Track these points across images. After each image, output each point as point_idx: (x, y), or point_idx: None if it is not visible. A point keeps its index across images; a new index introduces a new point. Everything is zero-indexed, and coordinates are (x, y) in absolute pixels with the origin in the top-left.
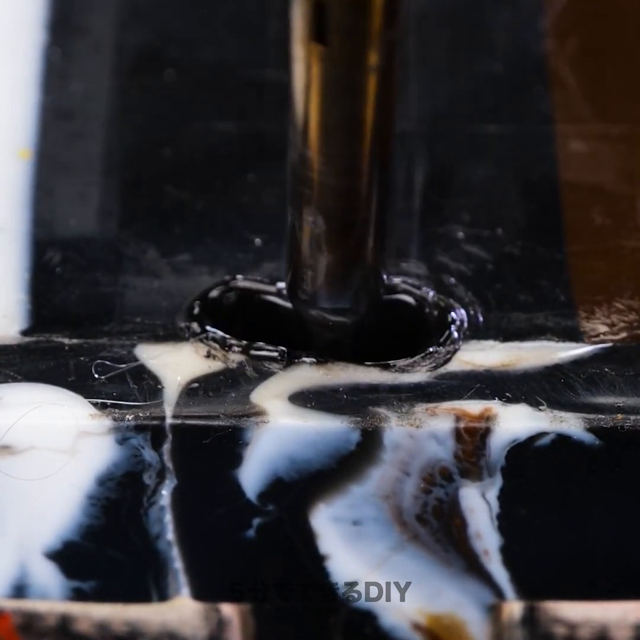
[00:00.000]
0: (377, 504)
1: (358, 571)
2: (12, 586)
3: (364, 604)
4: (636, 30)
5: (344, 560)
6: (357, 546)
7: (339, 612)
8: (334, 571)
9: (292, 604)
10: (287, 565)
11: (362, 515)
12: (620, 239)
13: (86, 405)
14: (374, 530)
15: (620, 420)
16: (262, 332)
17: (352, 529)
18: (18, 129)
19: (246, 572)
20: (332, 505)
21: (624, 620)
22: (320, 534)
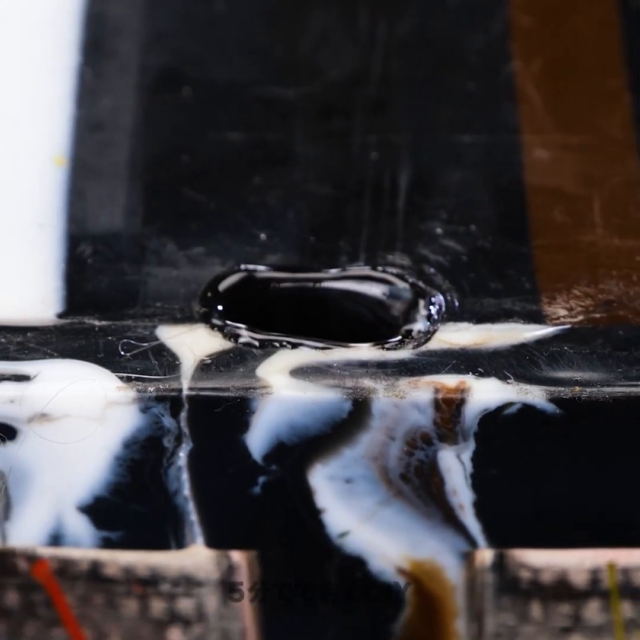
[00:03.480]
0: (367, 464)
1: (350, 523)
2: (49, 536)
3: (355, 551)
4: (592, 53)
5: (337, 514)
6: (349, 501)
7: (334, 558)
8: (329, 523)
9: (292, 551)
10: (288, 518)
11: (354, 474)
12: (578, 235)
13: (113, 378)
14: (364, 487)
15: (577, 392)
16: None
17: (344, 486)
18: (54, 139)
19: (252, 523)
20: (327, 465)
21: (581, 565)
22: (317, 490)
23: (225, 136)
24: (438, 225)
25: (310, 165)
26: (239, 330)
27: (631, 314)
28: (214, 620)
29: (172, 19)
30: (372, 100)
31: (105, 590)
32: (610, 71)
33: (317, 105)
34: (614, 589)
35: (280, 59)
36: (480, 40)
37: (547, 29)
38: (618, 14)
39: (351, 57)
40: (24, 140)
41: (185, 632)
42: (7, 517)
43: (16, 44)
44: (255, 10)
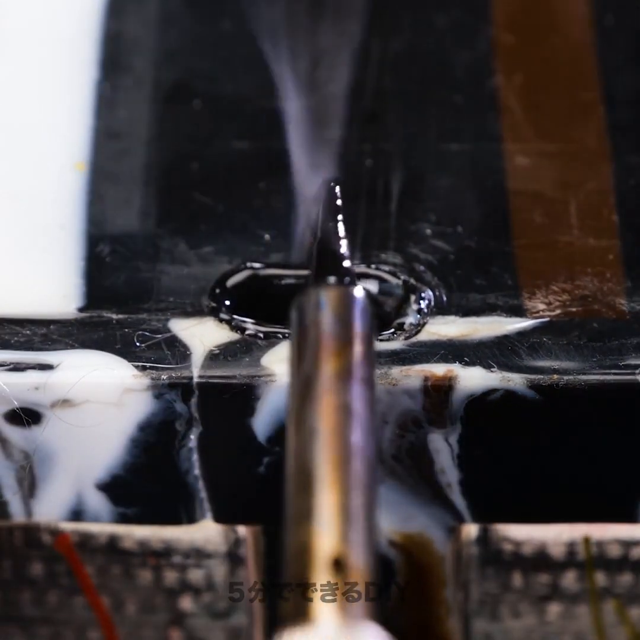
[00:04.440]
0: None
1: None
2: (71, 511)
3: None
4: (569, 68)
5: None
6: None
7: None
8: None
9: None
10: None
11: None
12: (556, 235)
13: (130, 367)
14: None
15: (555, 379)
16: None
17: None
18: (75, 147)
19: (257, 500)
20: None
21: (559, 538)
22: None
23: (232, 145)
24: (427, 227)
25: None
26: (245, 323)
27: (604, 308)
28: (222, 589)
29: (183, 37)
30: (366, 112)
31: (122, 562)
32: (586, 85)
33: (316, 116)
34: (589, 561)
35: (282, 73)
36: (466, 56)
37: (528, 47)
38: (593, 33)
39: (347, 73)
40: (47, 149)
41: (196, 600)
42: (32, 495)
43: (40, 61)
44: (259, 29)
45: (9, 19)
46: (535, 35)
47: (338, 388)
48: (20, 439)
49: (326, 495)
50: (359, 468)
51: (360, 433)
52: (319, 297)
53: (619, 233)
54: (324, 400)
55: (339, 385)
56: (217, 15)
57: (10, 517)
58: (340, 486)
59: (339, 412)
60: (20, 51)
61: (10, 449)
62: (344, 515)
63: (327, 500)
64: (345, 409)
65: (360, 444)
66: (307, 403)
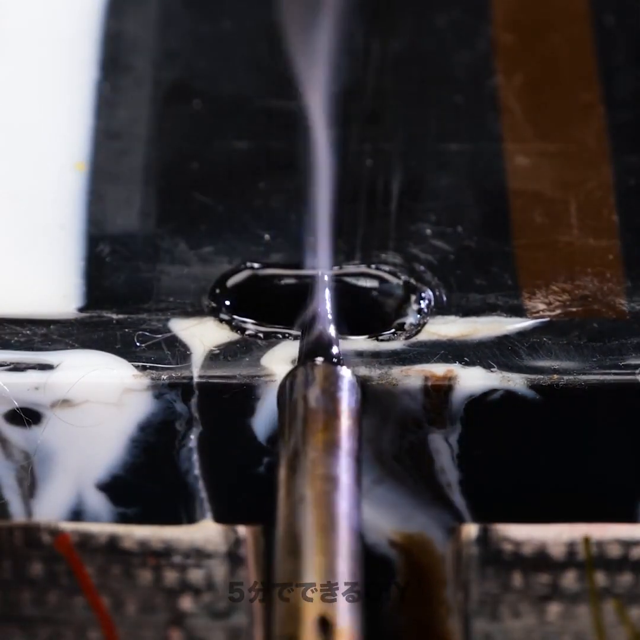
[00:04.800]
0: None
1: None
2: (71, 512)
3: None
4: (568, 68)
5: None
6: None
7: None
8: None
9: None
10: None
11: None
12: (556, 235)
13: (130, 367)
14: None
15: (555, 379)
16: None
17: None
18: (75, 147)
19: (257, 500)
20: None
21: (558, 538)
22: None
23: (232, 145)
24: (427, 227)
25: (310, 171)
26: (245, 323)
27: (605, 308)
28: (222, 589)
29: (182, 37)
30: (367, 112)
31: (122, 562)
32: (586, 85)
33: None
34: (589, 561)
35: (282, 73)
36: (466, 56)
37: (528, 47)
38: (592, 33)
39: (348, 72)
40: (47, 148)
41: (196, 600)
42: (32, 495)
43: (40, 61)
44: (259, 29)
45: (9, 19)
46: (535, 35)
47: (325, 460)
48: (20, 439)
49: (313, 559)
50: (345, 535)
51: (346, 502)
52: (307, 373)
53: (619, 233)
54: (311, 471)
55: (326, 457)
56: (217, 15)
57: (10, 517)
58: (327, 550)
59: (325, 482)
60: (20, 51)
61: (10, 449)
62: (331, 578)
63: (315, 564)
64: (332, 479)
65: (345, 512)
66: (296, 473)
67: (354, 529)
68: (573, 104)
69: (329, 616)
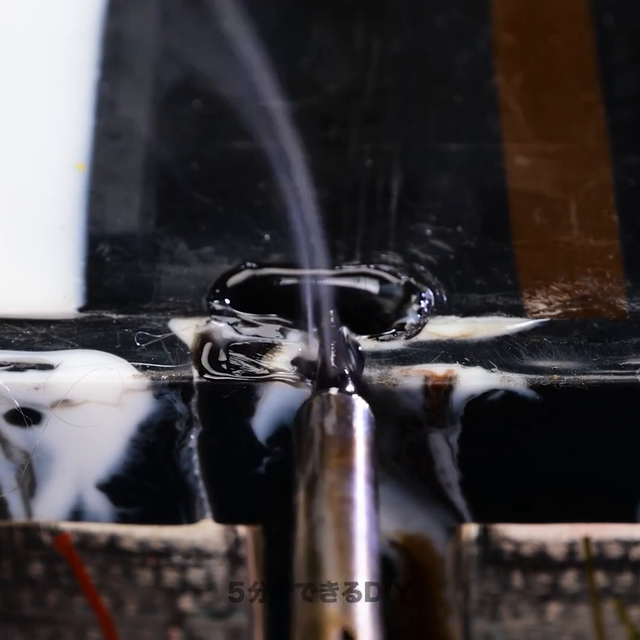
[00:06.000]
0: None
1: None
2: (71, 512)
3: None
4: (568, 68)
5: None
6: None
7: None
8: None
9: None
10: (290, 495)
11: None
12: (556, 235)
13: (130, 367)
14: None
15: (555, 379)
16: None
17: None
18: (75, 147)
19: (257, 500)
20: None
21: (558, 538)
22: None
23: (232, 145)
24: (427, 227)
25: (309, 171)
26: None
27: (605, 308)
28: (222, 589)
29: (183, 37)
30: (366, 112)
31: (122, 562)
32: (585, 85)
33: (316, 116)
34: (589, 561)
35: (282, 74)
36: (466, 57)
37: (528, 47)
38: (593, 33)
39: (347, 73)
40: (47, 149)
41: (196, 600)
42: (32, 495)
43: (41, 61)
44: (258, 29)
45: (9, 19)
46: (535, 35)
47: (343, 484)
48: (20, 439)
49: (335, 574)
50: (365, 554)
51: (364, 523)
52: (323, 402)
53: (619, 233)
54: (329, 494)
55: (344, 480)
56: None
57: (10, 517)
58: (348, 566)
59: (344, 504)
60: (20, 51)
61: (10, 449)
62: (352, 591)
63: (336, 579)
64: (350, 501)
65: (364, 533)
66: (314, 496)
67: (374, 551)
68: (573, 104)
69: (352, 630)
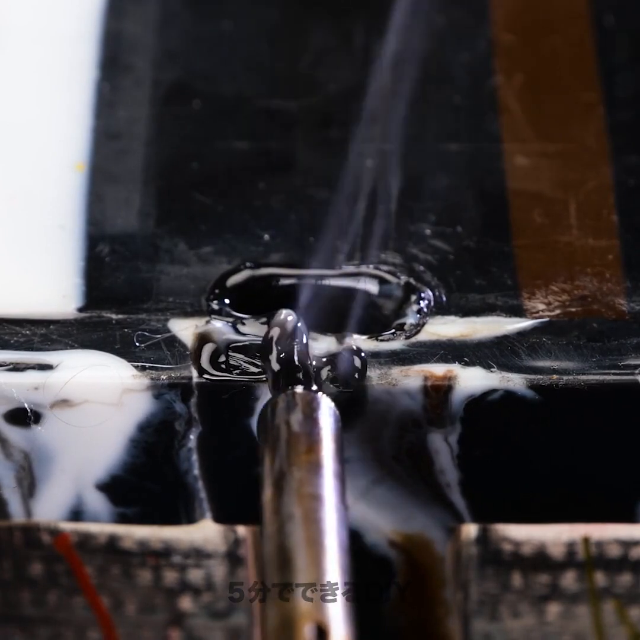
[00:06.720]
0: (362, 446)
1: (346, 500)
2: (70, 512)
3: (351, 525)
4: (568, 68)
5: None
6: (346, 480)
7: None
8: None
9: None
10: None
11: (350, 455)
12: (556, 235)
13: (129, 367)
14: (359, 467)
15: (555, 379)
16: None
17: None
18: (75, 147)
19: (257, 500)
20: None
21: (558, 538)
22: None
23: (232, 145)
24: (427, 227)
25: (310, 171)
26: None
27: (604, 308)
28: (222, 589)
29: (183, 37)
30: (366, 112)
31: (122, 562)
32: (586, 85)
33: (316, 116)
34: (589, 561)
35: (283, 74)
36: (465, 57)
37: (528, 47)
38: (593, 33)
39: (347, 73)
40: (47, 149)
41: (196, 600)
42: (32, 495)
43: (41, 61)
44: (259, 29)
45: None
46: (535, 35)
47: (311, 480)
48: (20, 439)
49: (306, 570)
50: (335, 549)
51: (333, 518)
52: (288, 400)
53: (619, 233)
54: (298, 491)
55: (312, 478)
56: (217, 15)
57: (10, 517)
58: (319, 562)
59: (313, 500)
60: (20, 51)
61: (10, 449)
62: (324, 587)
63: (307, 575)
64: (319, 497)
65: (333, 528)
66: (283, 493)
67: (344, 546)
68: (573, 104)
69: (325, 625)
